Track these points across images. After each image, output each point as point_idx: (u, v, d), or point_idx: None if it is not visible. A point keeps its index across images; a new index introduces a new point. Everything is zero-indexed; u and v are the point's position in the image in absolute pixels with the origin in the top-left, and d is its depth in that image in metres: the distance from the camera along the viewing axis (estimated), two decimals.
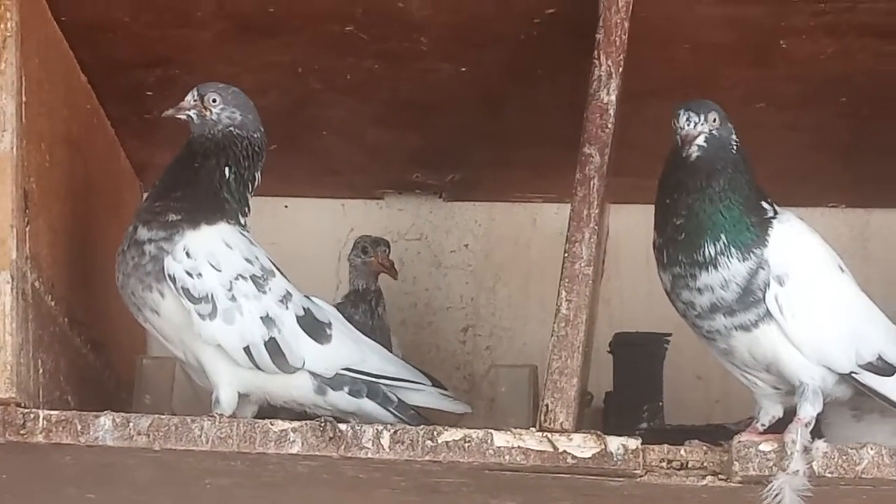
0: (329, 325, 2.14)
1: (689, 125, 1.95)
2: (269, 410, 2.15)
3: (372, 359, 2.17)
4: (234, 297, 2.06)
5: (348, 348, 2.15)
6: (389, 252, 2.56)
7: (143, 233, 2.08)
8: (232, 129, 2.13)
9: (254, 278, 2.08)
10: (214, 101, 2.14)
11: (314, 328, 2.11)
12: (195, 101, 2.14)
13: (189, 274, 2.05)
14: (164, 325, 2.09)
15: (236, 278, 2.07)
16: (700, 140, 1.96)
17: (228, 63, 2.42)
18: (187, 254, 2.06)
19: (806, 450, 1.86)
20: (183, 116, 2.14)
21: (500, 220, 2.86)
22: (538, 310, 2.73)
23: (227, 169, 2.12)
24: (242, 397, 2.12)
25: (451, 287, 2.84)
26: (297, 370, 2.10)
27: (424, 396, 2.21)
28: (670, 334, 2.49)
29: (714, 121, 1.98)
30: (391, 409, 2.15)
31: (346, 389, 2.13)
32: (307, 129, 2.60)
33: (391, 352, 2.31)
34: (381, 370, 2.17)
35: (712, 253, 1.94)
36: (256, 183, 2.15)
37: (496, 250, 2.85)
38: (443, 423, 2.19)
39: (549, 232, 2.78)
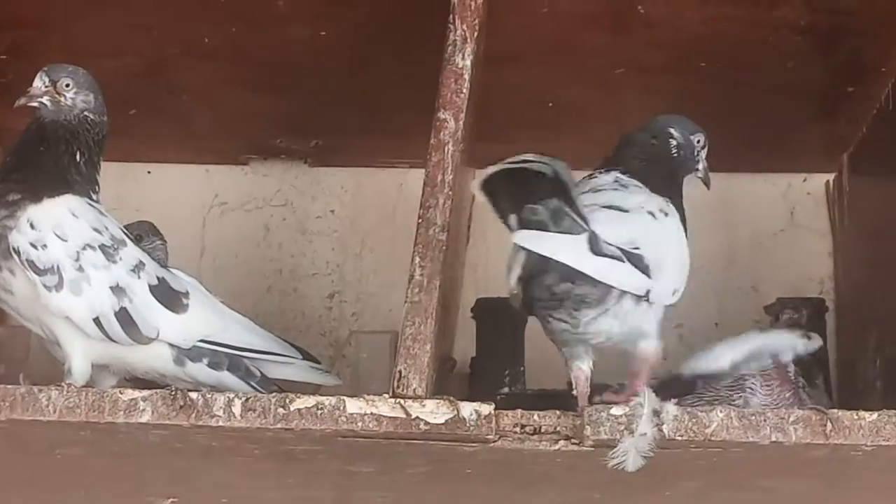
0: (186, 294, 2.10)
1: None
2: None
3: (234, 330, 2.13)
4: (81, 267, 2.02)
5: (207, 318, 2.11)
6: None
7: None
8: (87, 113, 2.09)
9: (103, 248, 2.04)
10: (68, 85, 2.08)
11: (169, 297, 2.08)
12: (46, 86, 2.08)
13: (33, 245, 2.00)
14: (20, 303, 2.04)
15: (84, 248, 2.03)
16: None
17: (83, 25, 2.38)
18: (31, 225, 2.01)
19: (655, 413, 1.87)
20: (35, 104, 2.08)
21: (367, 186, 2.84)
22: (404, 276, 2.70)
23: (77, 154, 2.08)
24: (101, 369, 2.09)
25: (316, 253, 2.83)
26: (153, 341, 2.07)
27: (293, 370, 2.18)
28: None
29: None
30: (253, 384, 2.12)
31: (206, 361, 2.10)
32: (166, 93, 2.57)
33: None
34: (245, 342, 2.13)
35: None
36: (100, 166, 2.11)
37: (362, 216, 2.84)
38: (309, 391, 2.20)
39: (415, 198, 2.70)
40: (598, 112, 2.59)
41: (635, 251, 1.93)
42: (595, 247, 1.90)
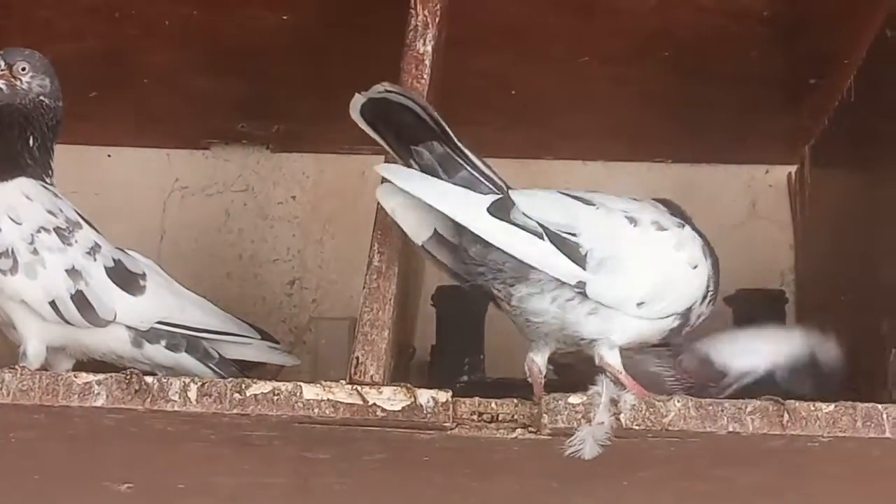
0: (143, 276, 2.10)
1: None
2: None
3: (192, 311, 2.14)
4: (36, 250, 2.01)
5: (164, 300, 2.11)
6: None
7: None
8: (42, 98, 2.08)
9: (58, 230, 2.03)
10: (24, 69, 2.08)
11: (126, 279, 2.07)
12: (2, 70, 2.08)
13: None
14: None
15: (38, 231, 2.02)
16: None
17: (44, 7, 2.36)
18: None
19: (613, 402, 1.86)
20: None
21: (329, 172, 2.83)
22: (365, 263, 2.71)
23: (31, 138, 2.07)
24: (58, 352, 2.09)
25: (277, 239, 2.81)
26: (110, 323, 2.06)
27: (252, 350, 2.19)
28: None
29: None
30: (211, 365, 2.13)
31: (164, 343, 2.10)
32: (127, 76, 2.55)
33: None
34: (203, 323, 2.14)
35: None
36: (54, 151, 2.10)
37: (324, 202, 2.83)
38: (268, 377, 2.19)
39: (376, 184, 2.74)
40: (561, 101, 2.59)
41: (567, 235, 1.90)
42: (500, 211, 1.88)
